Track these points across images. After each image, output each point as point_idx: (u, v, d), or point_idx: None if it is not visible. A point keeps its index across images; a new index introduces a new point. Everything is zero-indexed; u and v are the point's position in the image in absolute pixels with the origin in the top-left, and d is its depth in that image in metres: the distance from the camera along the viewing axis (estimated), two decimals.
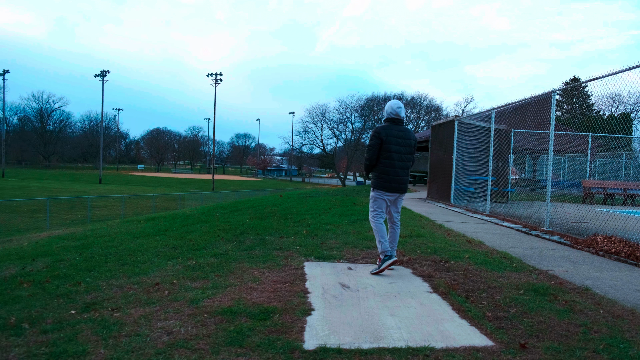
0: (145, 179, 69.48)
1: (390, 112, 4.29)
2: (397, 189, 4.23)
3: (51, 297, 3.31)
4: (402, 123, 4.29)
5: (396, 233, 4.36)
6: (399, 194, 4.29)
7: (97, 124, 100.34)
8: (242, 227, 6.42)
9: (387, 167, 4.16)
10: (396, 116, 4.26)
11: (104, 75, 61.54)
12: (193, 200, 30.28)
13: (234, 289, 3.44)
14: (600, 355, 2.44)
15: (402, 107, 4.31)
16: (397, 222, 4.40)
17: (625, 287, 3.83)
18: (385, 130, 4.18)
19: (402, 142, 4.20)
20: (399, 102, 4.35)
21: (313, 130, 63.43)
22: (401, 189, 4.27)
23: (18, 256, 5.24)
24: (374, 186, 4.30)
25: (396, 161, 4.17)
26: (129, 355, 2.32)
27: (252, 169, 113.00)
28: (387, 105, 4.37)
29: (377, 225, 4.24)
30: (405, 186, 4.30)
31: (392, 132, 4.17)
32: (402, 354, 2.40)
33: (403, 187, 4.28)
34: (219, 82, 59.11)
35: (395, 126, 4.23)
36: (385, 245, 4.14)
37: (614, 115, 34.41)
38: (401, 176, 4.22)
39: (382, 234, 4.21)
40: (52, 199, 20.11)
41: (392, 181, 4.18)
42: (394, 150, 4.16)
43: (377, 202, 4.29)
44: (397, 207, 4.39)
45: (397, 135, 4.19)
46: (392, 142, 4.15)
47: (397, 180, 4.20)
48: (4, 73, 64.07)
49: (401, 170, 4.21)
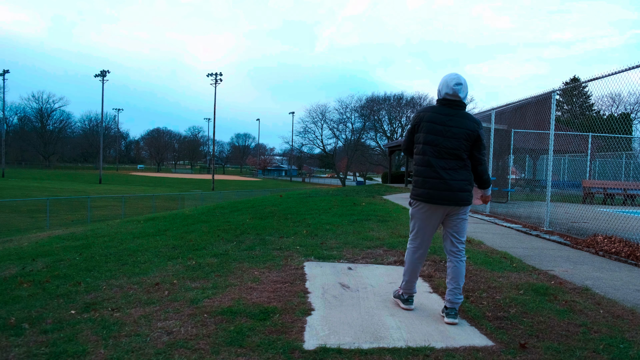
0: (145, 179, 69.47)
1: (444, 90, 3.01)
2: (440, 197, 2.92)
3: (51, 297, 3.31)
4: (460, 106, 3.01)
5: (457, 270, 3.00)
6: (447, 205, 2.95)
7: (97, 124, 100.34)
8: (242, 227, 6.42)
9: (422, 166, 2.99)
10: (452, 96, 2.98)
11: (103, 75, 61.56)
12: (193, 200, 30.28)
13: (234, 289, 3.44)
14: (600, 355, 2.44)
15: (463, 83, 2.98)
16: (457, 252, 3.04)
17: (625, 287, 3.83)
18: (421, 113, 3.04)
19: (443, 131, 2.94)
20: (458, 75, 3.00)
21: (313, 130, 63.52)
22: (448, 199, 2.92)
23: (18, 256, 5.24)
24: (411, 194, 3.12)
25: (432, 157, 2.94)
26: (129, 355, 2.32)
27: (252, 169, 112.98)
28: (441, 81, 3.07)
29: (410, 253, 3.13)
30: (456, 195, 2.93)
31: (431, 117, 2.98)
32: (402, 354, 2.40)
33: (451, 195, 2.92)
34: (219, 82, 59.15)
35: (445, 109, 3.00)
36: (409, 286, 3.13)
37: (614, 115, 34.42)
38: (445, 178, 2.92)
39: (411, 266, 3.10)
40: (52, 199, 20.11)
41: (429, 186, 2.94)
42: (429, 142, 2.95)
43: (415, 220, 3.09)
44: (454, 229, 3.04)
45: (438, 120, 2.96)
46: (426, 129, 2.96)
47: (437, 185, 2.92)
48: (4, 73, 64.11)
49: (443, 170, 2.93)
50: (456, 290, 2.96)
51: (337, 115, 61.24)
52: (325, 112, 61.89)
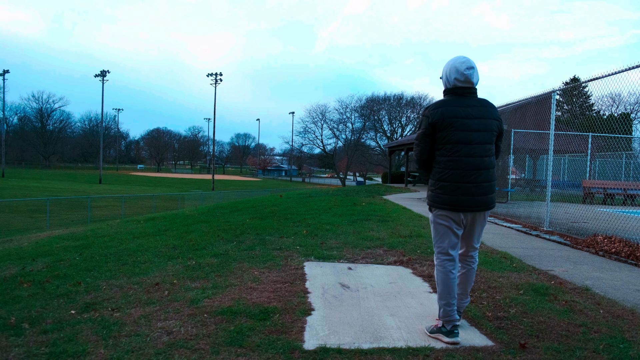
0: (145, 179, 69.46)
1: (453, 76, 2.64)
2: (474, 204, 2.59)
3: (51, 297, 3.31)
4: (473, 93, 2.68)
5: (469, 276, 2.80)
6: (476, 211, 2.64)
7: (97, 124, 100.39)
8: (242, 227, 6.42)
9: (451, 169, 2.59)
10: (464, 82, 2.63)
11: (103, 75, 61.57)
12: (193, 200, 30.28)
13: (234, 289, 3.44)
14: (600, 355, 2.44)
15: (474, 67, 2.63)
16: (471, 258, 2.80)
17: (625, 287, 3.83)
18: (441, 108, 2.61)
19: (474, 125, 2.59)
20: (467, 58, 2.64)
21: (313, 130, 63.51)
22: (480, 204, 2.61)
23: (18, 256, 5.24)
24: (429, 201, 2.73)
25: (464, 157, 2.57)
26: (129, 355, 2.32)
27: (252, 169, 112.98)
28: (447, 66, 2.68)
29: (443, 272, 2.67)
30: (487, 198, 2.63)
31: (453, 111, 2.60)
32: (402, 354, 2.40)
33: (483, 199, 2.62)
34: (218, 82, 59.15)
35: (461, 99, 2.64)
36: (449, 312, 2.62)
37: (614, 115, 34.41)
38: (478, 182, 2.58)
39: (447, 287, 2.65)
40: (52, 199, 20.11)
41: (461, 192, 2.57)
42: (461, 140, 2.57)
43: (440, 230, 2.69)
44: (475, 235, 2.76)
45: (465, 115, 2.59)
46: (456, 126, 2.57)
47: (471, 191, 2.58)
48: (4, 73, 64.08)
49: (476, 171, 2.58)
50: (463, 296, 2.79)
51: (337, 115, 61.28)
52: (325, 112, 61.94)
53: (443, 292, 2.67)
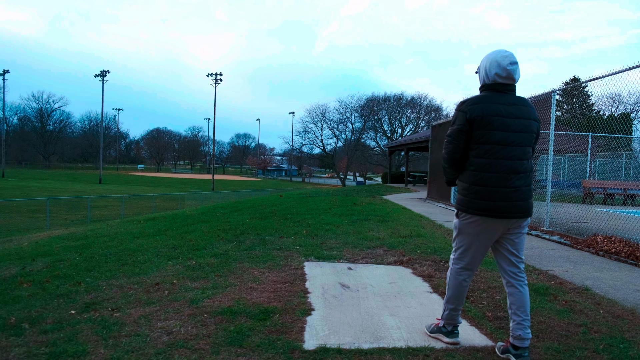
0: (145, 179, 69.47)
1: (493, 71, 2.44)
2: (512, 210, 2.38)
3: (51, 297, 3.31)
4: (512, 91, 2.48)
5: (523, 296, 2.46)
6: (515, 218, 2.42)
7: (97, 124, 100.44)
8: (242, 227, 6.42)
9: (487, 172, 2.38)
10: (506, 79, 2.44)
11: (104, 75, 61.57)
12: (193, 200, 30.28)
13: (234, 289, 3.44)
14: (600, 355, 2.44)
15: (517, 62, 2.44)
16: (519, 273, 2.49)
17: (625, 287, 3.83)
18: (481, 104, 2.41)
19: (514, 125, 2.40)
20: (510, 53, 2.44)
21: (313, 130, 63.54)
22: (519, 210, 2.41)
23: (18, 256, 5.24)
24: (460, 207, 2.52)
25: (503, 159, 2.38)
26: (129, 355, 2.32)
27: (252, 169, 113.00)
28: (486, 60, 2.49)
29: (457, 280, 2.55)
30: (528, 204, 2.45)
31: (494, 109, 2.39)
32: (402, 354, 2.40)
33: (523, 205, 2.42)
34: (219, 82, 59.14)
35: (501, 96, 2.44)
36: (454, 316, 2.58)
37: (614, 115, 34.41)
38: (517, 186, 2.39)
39: (458, 293, 2.56)
40: (52, 199, 20.11)
41: (499, 197, 2.37)
42: (501, 141, 2.38)
43: (467, 239, 2.50)
44: (514, 245, 2.49)
45: (505, 113, 2.40)
46: (494, 125, 2.37)
47: (509, 196, 2.37)
48: (4, 73, 64.08)
49: (514, 175, 2.39)
50: (525, 323, 2.39)
51: (337, 115, 61.31)
52: (325, 112, 61.96)
53: (453, 297, 2.57)
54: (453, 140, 2.48)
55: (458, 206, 2.54)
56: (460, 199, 2.52)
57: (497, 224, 2.41)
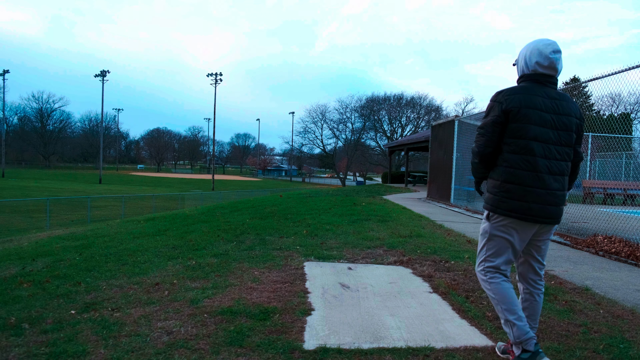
0: (145, 179, 69.48)
1: (534, 60, 2.26)
2: (544, 214, 2.21)
3: (51, 297, 3.31)
4: (554, 84, 2.30)
5: (538, 304, 2.39)
6: (546, 223, 2.26)
7: (97, 124, 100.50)
8: (242, 227, 6.42)
9: (522, 169, 2.20)
10: (548, 69, 2.26)
11: (104, 75, 61.59)
12: (193, 200, 30.28)
13: (234, 289, 3.44)
14: (600, 355, 2.44)
15: (560, 51, 2.26)
16: (539, 281, 2.39)
17: (625, 287, 3.83)
18: (519, 95, 2.22)
19: (553, 121, 2.22)
20: (553, 41, 2.27)
21: (313, 130, 63.59)
22: (552, 215, 2.24)
23: (18, 256, 5.24)
24: (489, 206, 2.31)
25: (540, 157, 2.19)
26: (129, 355, 2.32)
27: (252, 169, 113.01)
28: (526, 49, 2.31)
29: (497, 283, 2.28)
30: (559, 210, 2.26)
31: (532, 101, 2.21)
32: (402, 354, 2.40)
33: (555, 210, 2.24)
34: (219, 82, 59.18)
35: (541, 88, 2.25)
36: (522, 328, 2.20)
37: (614, 115, 34.39)
38: (552, 189, 2.22)
39: (509, 299, 2.25)
40: (52, 199, 20.11)
41: (532, 198, 2.19)
42: (537, 136, 2.20)
43: (498, 242, 2.29)
44: (539, 251, 2.36)
45: (544, 107, 2.21)
46: (532, 119, 2.19)
47: (543, 198, 2.20)
48: (4, 73, 64.09)
49: (550, 176, 2.21)
50: (534, 331, 2.33)
51: (337, 115, 61.38)
52: (325, 112, 62.03)
53: (510, 306, 2.23)
54: (486, 132, 2.27)
55: (487, 206, 2.33)
56: (489, 197, 2.32)
57: (528, 228, 2.24)
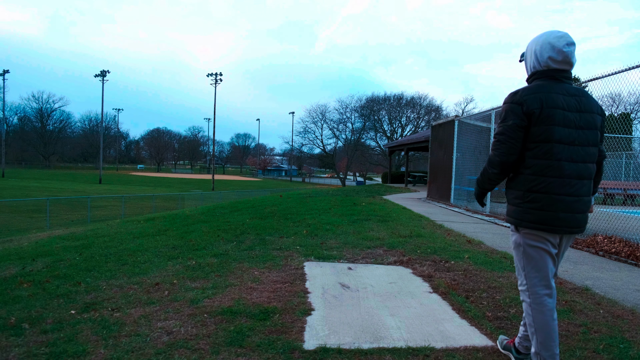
0: (145, 179, 69.47)
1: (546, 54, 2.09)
2: (570, 222, 2.05)
3: (51, 297, 3.31)
4: (569, 79, 2.13)
5: None
6: (573, 233, 2.11)
7: (97, 124, 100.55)
8: (242, 227, 6.42)
9: (547, 175, 2.02)
10: (562, 63, 2.08)
11: (104, 75, 61.59)
12: (193, 200, 30.28)
13: (234, 289, 3.44)
14: (600, 355, 2.44)
15: (573, 42, 2.08)
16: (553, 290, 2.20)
17: (625, 287, 3.83)
18: (537, 94, 2.03)
19: (577, 120, 2.05)
20: (565, 33, 2.08)
21: (313, 130, 63.64)
22: (578, 223, 2.08)
23: (18, 256, 5.24)
24: (513, 219, 2.14)
25: (565, 161, 2.02)
26: (129, 355, 2.32)
27: (252, 169, 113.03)
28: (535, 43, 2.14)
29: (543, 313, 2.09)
30: (585, 217, 2.12)
31: (553, 99, 2.03)
32: (402, 354, 2.40)
33: (582, 218, 2.09)
34: (218, 82, 59.18)
35: (558, 85, 2.08)
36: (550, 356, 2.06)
37: (614, 115, 34.39)
38: (580, 194, 2.06)
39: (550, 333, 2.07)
40: (52, 199, 20.11)
41: (562, 207, 2.02)
42: (563, 138, 2.02)
43: (535, 255, 2.11)
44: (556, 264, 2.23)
45: (565, 105, 2.04)
46: (556, 120, 2.01)
47: (572, 206, 2.04)
48: (4, 73, 64.10)
49: (578, 181, 2.05)
50: None
51: (337, 115, 61.44)
52: (325, 112, 62.09)
53: (546, 340, 2.04)
54: (508, 139, 2.04)
55: (510, 219, 2.15)
56: (513, 209, 2.13)
57: (555, 239, 2.09)
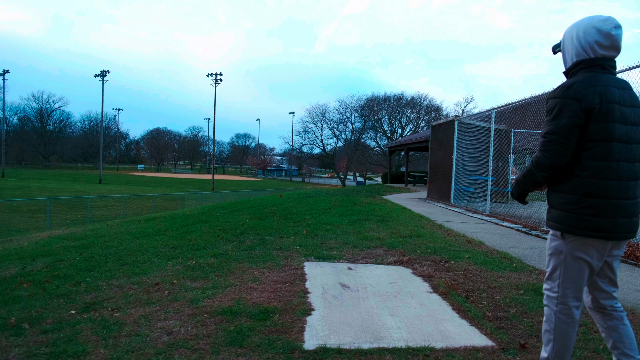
0: (145, 179, 69.48)
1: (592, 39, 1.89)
2: (627, 227, 1.89)
3: (51, 297, 3.31)
4: (614, 68, 1.95)
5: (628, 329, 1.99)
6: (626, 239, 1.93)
7: (97, 124, 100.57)
8: (242, 227, 6.42)
9: (606, 178, 1.84)
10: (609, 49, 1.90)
11: (103, 75, 61.59)
12: (193, 200, 30.28)
13: (234, 289, 3.44)
14: (600, 355, 2.44)
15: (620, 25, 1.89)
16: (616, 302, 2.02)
17: (625, 287, 3.83)
18: (594, 87, 1.83)
19: (633, 116, 1.89)
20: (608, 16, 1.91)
21: (313, 130, 63.61)
22: (634, 228, 1.92)
23: (18, 256, 5.24)
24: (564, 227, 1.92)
25: (624, 161, 1.85)
26: (129, 355, 2.32)
27: (252, 169, 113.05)
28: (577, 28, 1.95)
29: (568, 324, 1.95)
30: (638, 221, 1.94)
31: (611, 93, 1.84)
32: (402, 354, 2.40)
33: (636, 222, 1.92)
34: (219, 82, 59.20)
35: (608, 76, 1.89)
36: None
37: None
38: (636, 196, 1.90)
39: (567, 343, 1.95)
40: (52, 199, 20.11)
41: (619, 211, 1.86)
42: (621, 137, 1.85)
43: (576, 267, 1.92)
44: (612, 268, 2.00)
45: (621, 100, 1.87)
46: (615, 116, 1.83)
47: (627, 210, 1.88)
48: (4, 73, 64.13)
49: (635, 182, 1.89)
50: None
51: (337, 115, 61.41)
52: (325, 112, 62.05)
53: (562, 349, 1.93)
54: (561, 139, 1.83)
55: (559, 226, 1.93)
56: (562, 216, 1.91)
57: (605, 247, 1.90)
